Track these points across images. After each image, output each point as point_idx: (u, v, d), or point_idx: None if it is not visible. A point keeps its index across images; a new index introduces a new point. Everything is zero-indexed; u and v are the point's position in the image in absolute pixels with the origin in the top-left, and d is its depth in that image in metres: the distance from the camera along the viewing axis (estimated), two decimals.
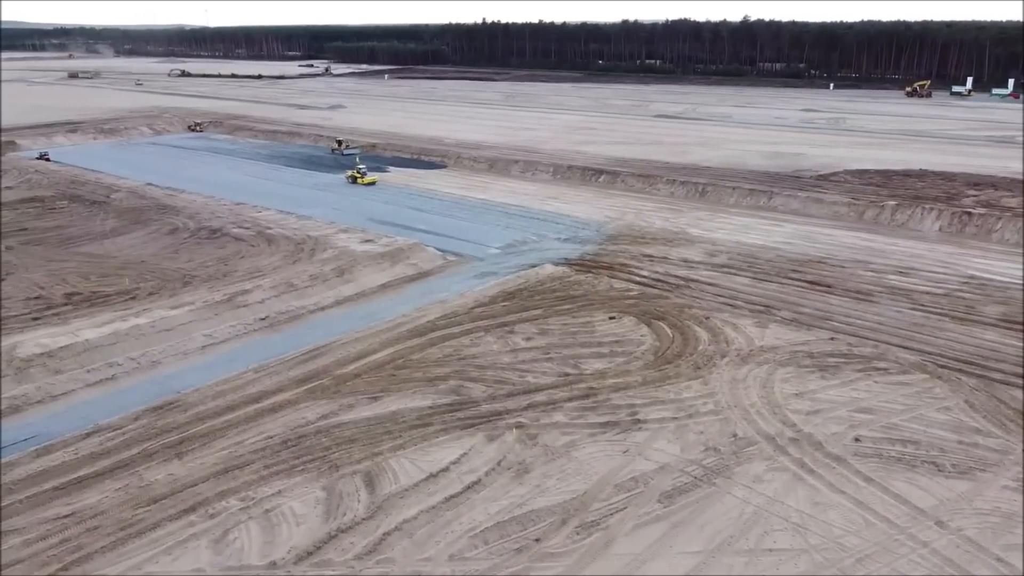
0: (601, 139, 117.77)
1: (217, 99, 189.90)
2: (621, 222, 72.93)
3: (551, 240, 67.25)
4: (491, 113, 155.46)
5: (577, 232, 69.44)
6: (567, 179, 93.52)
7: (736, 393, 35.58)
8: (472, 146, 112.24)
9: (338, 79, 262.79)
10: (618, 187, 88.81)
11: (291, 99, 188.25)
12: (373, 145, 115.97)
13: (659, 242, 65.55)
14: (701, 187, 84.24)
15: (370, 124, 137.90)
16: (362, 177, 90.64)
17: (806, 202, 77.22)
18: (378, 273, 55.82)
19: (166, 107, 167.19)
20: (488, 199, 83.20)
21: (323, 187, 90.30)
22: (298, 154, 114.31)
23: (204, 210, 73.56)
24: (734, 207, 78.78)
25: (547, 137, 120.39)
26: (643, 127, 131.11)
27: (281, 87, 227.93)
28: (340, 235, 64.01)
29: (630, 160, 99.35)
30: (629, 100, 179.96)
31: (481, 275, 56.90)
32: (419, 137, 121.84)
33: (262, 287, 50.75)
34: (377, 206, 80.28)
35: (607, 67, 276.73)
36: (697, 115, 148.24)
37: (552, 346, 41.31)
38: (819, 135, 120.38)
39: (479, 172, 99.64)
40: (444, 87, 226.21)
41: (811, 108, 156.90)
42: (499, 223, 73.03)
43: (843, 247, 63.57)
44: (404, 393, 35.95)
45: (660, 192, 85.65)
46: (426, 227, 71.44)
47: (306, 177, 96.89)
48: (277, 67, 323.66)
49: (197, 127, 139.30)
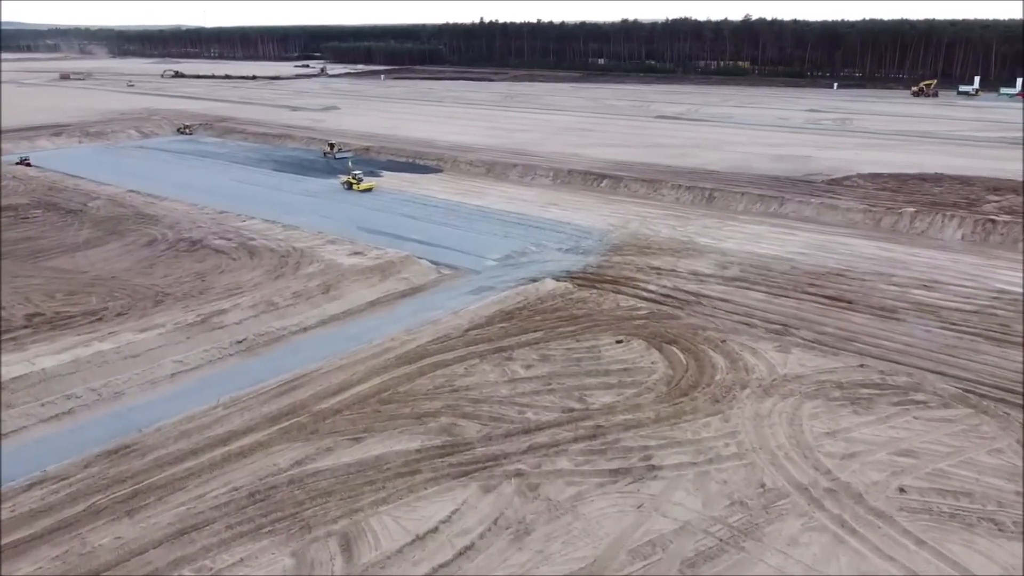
0: (601, 141, 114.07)
1: (209, 100, 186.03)
2: (625, 231, 69.22)
3: (552, 251, 63.52)
4: (488, 114, 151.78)
5: (579, 242, 65.72)
6: (567, 184, 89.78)
7: (761, 432, 31.86)
8: (469, 149, 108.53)
9: (333, 80, 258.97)
10: (621, 192, 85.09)
11: (284, 100, 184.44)
12: (366, 148, 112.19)
13: (666, 253, 61.84)
14: (708, 193, 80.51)
15: (364, 126, 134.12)
16: (358, 183, 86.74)
17: (819, 209, 73.50)
18: (367, 289, 52.05)
19: (156, 109, 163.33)
20: (485, 205, 79.46)
21: (313, 193, 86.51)
22: (289, 158, 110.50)
23: (185, 219, 69.74)
24: (743, 214, 75.06)
25: (545, 139, 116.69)
26: (644, 129, 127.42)
27: (275, 88, 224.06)
28: (327, 247, 60.20)
29: (632, 163, 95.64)
30: (629, 100, 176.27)
31: (477, 290, 53.17)
32: (414, 139, 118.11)
33: (240, 306, 46.96)
34: (369, 214, 76.53)
35: (606, 67, 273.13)
36: (699, 116, 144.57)
37: (554, 375, 37.57)
38: (826, 136, 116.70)
39: (476, 176, 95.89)
40: (441, 88, 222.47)
41: (815, 108, 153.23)
42: (497, 232, 69.30)
43: (862, 258, 59.88)
44: (389, 433, 32.21)
45: (665, 198, 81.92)
46: (420, 237, 67.71)
47: (296, 182, 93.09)
48: (273, 68, 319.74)
49: (186, 130, 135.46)
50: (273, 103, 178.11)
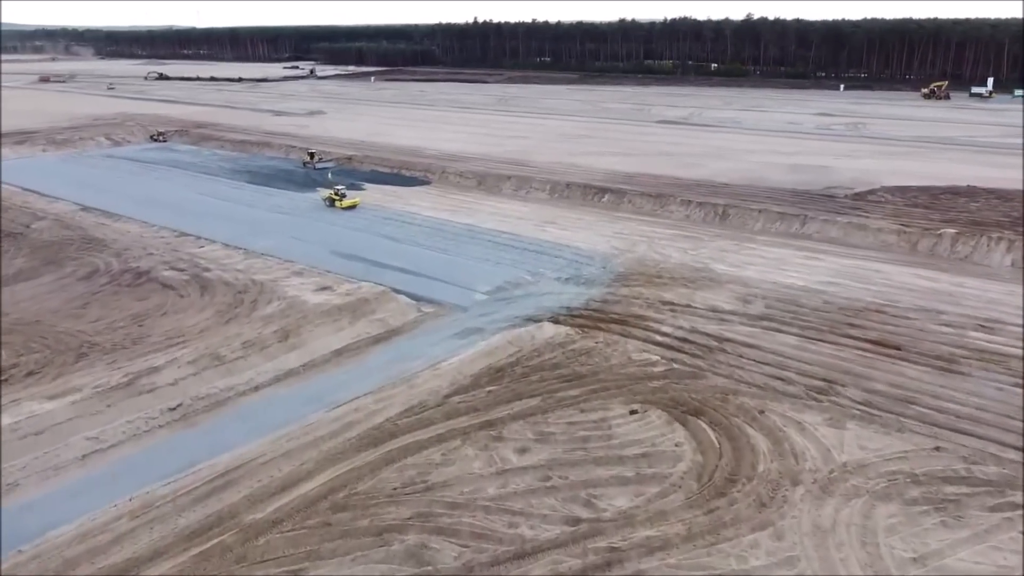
0: (601, 149, 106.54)
1: (190, 104, 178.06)
2: (632, 255, 61.73)
3: (549, 280, 56.01)
4: (481, 119, 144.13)
5: (580, 269, 58.21)
6: (566, 198, 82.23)
7: (827, 557, 24.34)
8: (459, 158, 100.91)
9: (322, 82, 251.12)
10: (625, 209, 77.55)
11: (269, 104, 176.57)
12: (349, 158, 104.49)
13: (679, 283, 54.35)
14: (721, 209, 73.00)
15: (349, 132, 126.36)
16: (341, 200, 78.34)
17: (847, 229, 66.05)
18: (333, 335, 44.46)
19: (132, 114, 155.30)
20: (475, 224, 71.91)
21: (287, 210, 78.80)
22: (266, 168, 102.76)
23: (136, 244, 62.03)
24: (762, 234, 67.60)
25: (541, 146, 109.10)
26: (646, 135, 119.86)
27: (261, 91, 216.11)
28: (292, 280, 52.52)
29: (635, 175, 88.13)
30: (628, 103, 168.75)
31: (464, 333, 45.64)
32: (401, 147, 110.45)
33: (179, 361, 39.34)
34: (346, 235, 68.94)
35: (604, 68, 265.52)
36: (703, 120, 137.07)
37: (555, 463, 29.98)
38: (840, 143, 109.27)
39: (466, 189, 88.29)
40: (433, 90, 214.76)
41: (825, 112, 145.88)
42: (488, 257, 61.75)
43: (902, 289, 52.47)
44: (340, 561, 24.61)
45: (674, 215, 74.41)
46: (401, 263, 60.12)
47: (270, 197, 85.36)
48: (262, 69, 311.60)
49: (160, 137, 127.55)
50: (257, 107, 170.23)
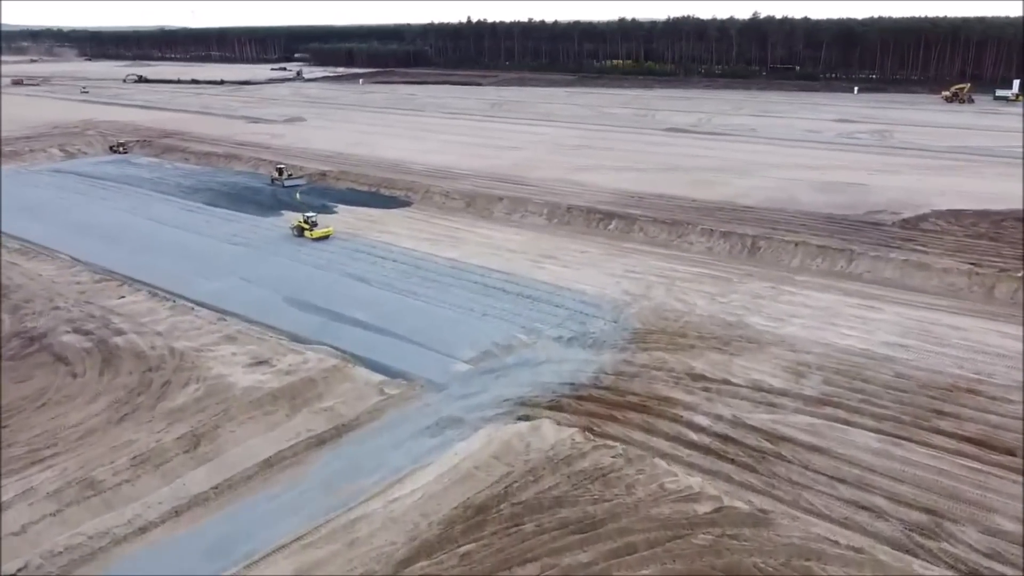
0: (604, 162, 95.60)
1: (164, 110, 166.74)
2: (648, 302, 50.86)
3: (548, 340, 45.17)
4: (473, 127, 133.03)
5: (586, 324, 47.36)
6: (566, 224, 71.30)
7: None
8: (447, 174, 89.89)
9: (308, 84, 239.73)
10: (635, 238, 66.63)
11: (248, 109, 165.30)
12: (323, 174, 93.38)
13: (710, 344, 43.54)
14: (750, 241, 62.09)
15: (327, 142, 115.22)
16: (310, 229, 67.09)
17: (903, 268, 55.17)
18: (262, 436, 33.48)
19: (98, 121, 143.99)
20: (460, 259, 61.02)
21: (244, 240, 67.82)
22: (229, 186, 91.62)
23: (43, 294, 50.93)
24: (801, 273, 56.73)
25: (539, 159, 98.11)
26: (653, 145, 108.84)
27: (242, 94, 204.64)
28: (222, 348, 41.45)
29: (645, 195, 77.21)
30: (631, 108, 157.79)
31: (436, 428, 34.83)
32: (383, 161, 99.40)
33: (36, 492, 28.39)
34: (306, 274, 58.03)
35: (603, 69, 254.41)
36: (714, 128, 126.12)
37: None
38: (870, 155, 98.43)
39: (452, 212, 77.31)
40: (423, 93, 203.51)
41: (844, 118, 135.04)
42: (474, 306, 50.87)
43: (990, 354, 41.73)
44: None
45: (693, 247, 63.50)
46: (367, 315, 49.26)
47: (227, 222, 74.32)
48: (249, 71, 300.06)
49: (120, 148, 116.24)
50: (234, 113, 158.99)
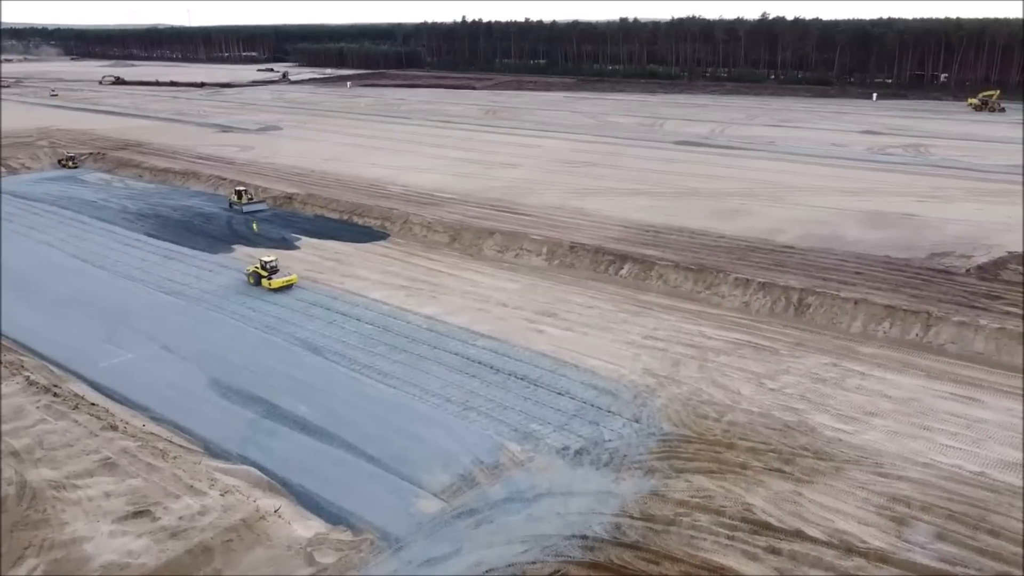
0: (611, 184, 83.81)
1: (132, 116, 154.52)
2: (677, 389, 39.15)
3: (549, 454, 33.51)
4: (463, 137, 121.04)
5: (599, 424, 35.73)
6: (569, 268, 59.50)
7: None
8: (429, 198, 78.02)
9: (292, 88, 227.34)
10: (653, 287, 54.84)
11: (222, 115, 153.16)
12: (289, 197, 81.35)
13: (768, 463, 31.92)
14: (796, 297, 50.30)
15: (300, 157, 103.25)
16: (269, 277, 54.69)
17: (999, 340, 43.41)
18: None
19: (55, 129, 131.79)
20: (440, 318, 49.30)
21: (182, 286, 55.96)
22: (180, 210, 79.61)
23: None
24: (867, 343, 44.99)
25: (537, 180, 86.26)
26: (665, 162, 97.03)
27: (220, 98, 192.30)
28: (94, 481, 29.36)
29: (662, 229, 65.48)
30: (636, 116, 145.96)
31: None
32: (360, 180, 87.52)
33: None
34: (247, 338, 46.31)
35: (603, 72, 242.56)
36: (729, 140, 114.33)
37: None
38: (911, 176, 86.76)
39: (434, 248, 65.54)
40: (413, 98, 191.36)
41: (870, 129, 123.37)
42: (451, 395, 39.15)
43: None
44: None
45: (726, 302, 51.73)
46: (311, 409, 37.57)
47: (166, 260, 62.46)
48: (234, 72, 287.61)
49: (69, 162, 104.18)
50: (206, 120, 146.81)
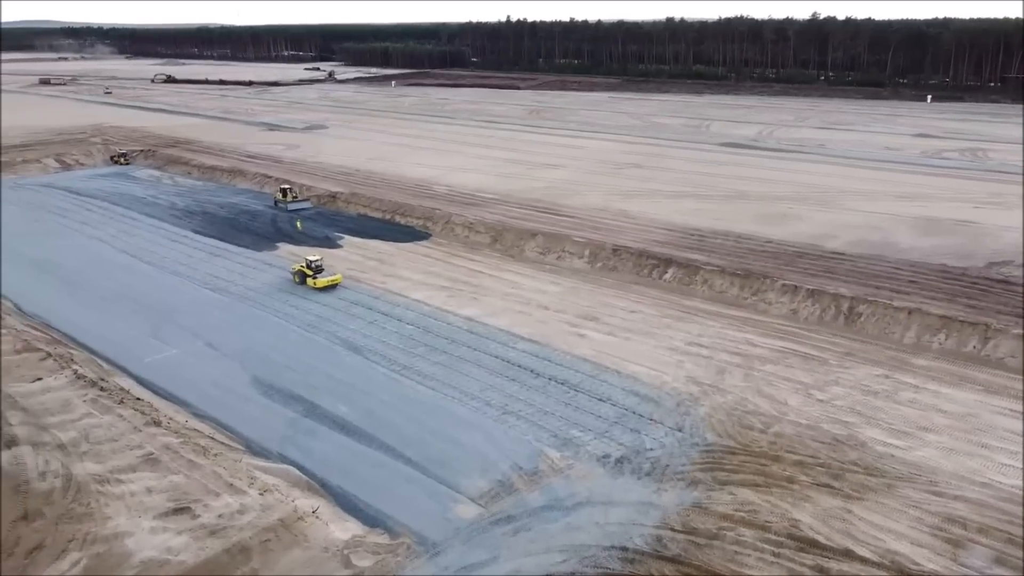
0: (656, 186, 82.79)
1: (182, 114, 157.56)
2: (722, 398, 38.30)
3: (589, 461, 32.99)
4: (507, 137, 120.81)
5: (641, 433, 35.08)
6: (612, 271, 58.80)
7: None
8: (472, 199, 77.93)
9: (338, 87, 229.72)
10: (698, 293, 53.89)
11: (269, 114, 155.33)
12: (333, 196, 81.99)
13: (816, 477, 30.99)
14: (846, 305, 48.92)
15: (345, 156, 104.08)
16: (315, 276, 54.85)
17: None
18: None
19: (108, 126, 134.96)
20: (480, 320, 49.09)
21: (226, 283, 56.70)
22: (227, 207, 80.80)
23: None
24: (921, 354, 43.53)
25: (580, 181, 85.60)
26: (711, 164, 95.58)
27: (267, 97, 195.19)
28: (137, 477, 29.71)
29: (707, 232, 64.38)
30: (682, 117, 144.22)
31: None
32: (404, 180, 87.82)
33: None
34: (289, 337, 46.65)
35: (648, 71, 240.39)
36: (778, 143, 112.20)
37: None
38: (968, 182, 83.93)
39: (476, 249, 65.38)
40: (457, 97, 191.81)
41: (924, 132, 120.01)
42: (491, 398, 38.86)
43: None
44: None
45: (772, 309, 50.57)
46: (351, 410, 37.65)
47: (212, 258, 63.37)
48: (281, 71, 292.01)
49: (121, 159, 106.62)
50: (254, 118, 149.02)
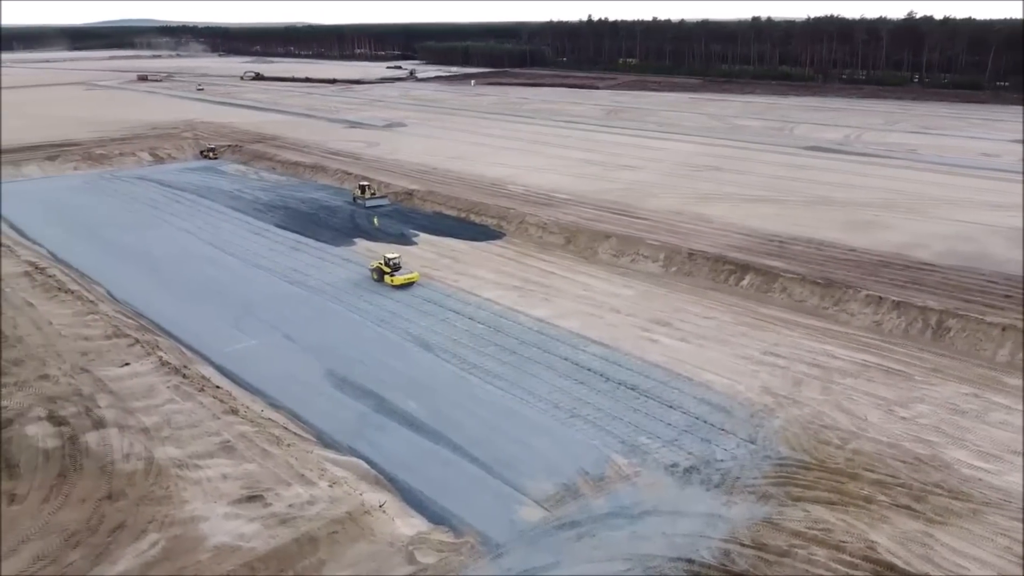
0: (734, 189, 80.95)
1: (268, 111, 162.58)
2: (798, 411, 37.12)
3: (657, 469, 32.46)
4: (584, 138, 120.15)
5: (712, 443, 34.32)
6: (687, 276, 57.74)
7: None
8: (546, 199, 77.81)
9: (419, 85, 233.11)
10: (776, 301, 52.39)
11: (351, 111, 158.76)
12: (409, 193, 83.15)
13: (896, 498, 29.77)
14: (935, 319, 46.74)
15: (423, 154, 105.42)
16: (392, 273, 55.77)
17: None
18: None
19: (199, 122, 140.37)
20: (551, 321, 48.93)
21: (304, 276, 58.17)
22: (308, 203, 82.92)
23: (42, 352, 42.08)
24: (1012, 373, 41.21)
25: (657, 183, 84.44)
26: (794, 168, 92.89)
27: (350, 95, 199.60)
28: (214, 463, 30.69)
29: (787, 239, 62.55)
30: (764, 119, 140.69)
31: None
32: (480, 179, 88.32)
33: None
34: (362, 332, 47.52)
35: (731, 72, 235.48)
36: (865, 147, 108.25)
37: None
38: None
39: (549, 249, 65.23)
40: (536, 97, 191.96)
41: None
42: (560, 400, 38.66)
43: None
44: None
45: (855, 320, 48.74)
46: (420, 406, 38.10)
47: (294, 252, 65.10)
48: (364, 69, 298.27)
49: (210, 153, 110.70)
50: (336, 115, 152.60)
